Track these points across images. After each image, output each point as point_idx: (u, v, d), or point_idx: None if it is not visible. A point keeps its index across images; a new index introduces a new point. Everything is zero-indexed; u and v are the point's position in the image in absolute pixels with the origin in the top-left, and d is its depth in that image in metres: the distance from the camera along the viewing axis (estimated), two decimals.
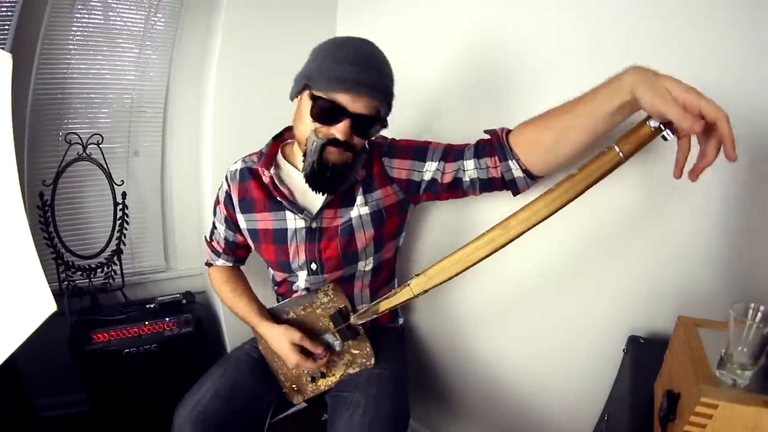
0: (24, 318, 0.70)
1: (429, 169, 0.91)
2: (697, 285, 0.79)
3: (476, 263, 0.75)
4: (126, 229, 1.48)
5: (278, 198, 0.93)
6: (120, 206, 1.46)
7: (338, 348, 0.97)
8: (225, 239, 1.06)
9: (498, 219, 0.74)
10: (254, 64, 1.38)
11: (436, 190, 0.92)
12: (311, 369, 0.96)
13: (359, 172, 0.92)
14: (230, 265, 1.11)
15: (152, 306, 1.43)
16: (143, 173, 1.56)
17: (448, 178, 0.89)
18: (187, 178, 1.60)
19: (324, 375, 1.00)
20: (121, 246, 1.48)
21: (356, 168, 0.89)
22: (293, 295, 1.01)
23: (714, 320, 0.63)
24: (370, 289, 1.03)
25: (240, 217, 1.00)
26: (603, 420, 0.80)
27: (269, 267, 1.06)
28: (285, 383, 1.02)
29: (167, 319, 1.38)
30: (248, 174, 0.98)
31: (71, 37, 1.36)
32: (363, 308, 0.93)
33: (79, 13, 1.35)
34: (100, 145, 1.40)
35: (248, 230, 1.00)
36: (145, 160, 1.56)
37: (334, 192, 0.89)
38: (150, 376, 1.35)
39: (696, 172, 0.59)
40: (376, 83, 0.80)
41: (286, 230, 0.95)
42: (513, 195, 0.86)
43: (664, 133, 0.59)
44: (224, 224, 1.04)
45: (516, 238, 0.72)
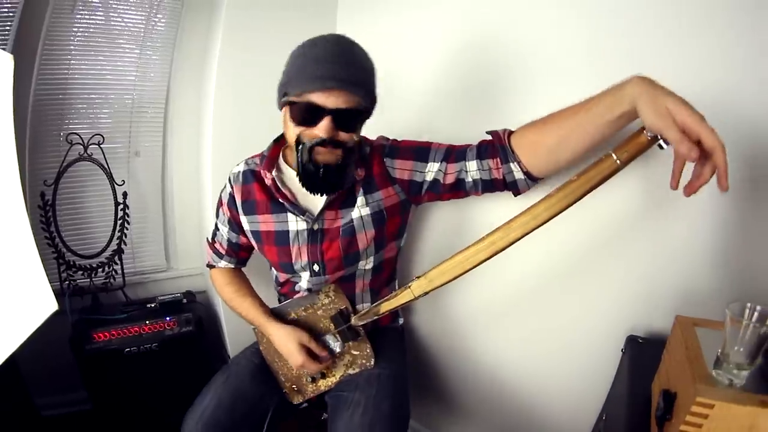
0: (25, 317, 0.70)
1: (431, 170, 0.91)
2: (696, 285, 0.79)
3: (477, 266, 0.76)
4: (127, 229, 1.48)
5: (280, 200, 0.94)
6: (121, 206, 1.47)
7: (339, 349, 0.98)
8: (228, 241, 1.06)
9: (499, 220, 0.75)
10: (254, 65, 1.38)
11: (439, 191, 0.92)
12: (314, 370, 0.96)
13: (358, 172, 0.92)
14: (232, 267, 1.11)
15: (153, 305, 1.43)
16: (144, 173, 1.57)
17: (451, 179, 0.89)
18: (188, 178, 1.61)
19: (324, 376, 1.00)
20: (122, 245, 1.48)
21: (351, 165, 0.88)
22: (295, 296, 1.01)
23: (712, 320, 0.63)
24: (371, 289, 1.03)
25: (243, 219, 1.00)
26: (601, 420, 0.80)
27: (272, 268, 1.07)
28: (285, 384, 1.02)
29: (168, 319, 1.38)
30: (251, 176, 0.98)
31: (72, 38, 1.36)
32: (364, 309, 0.93)
33: (80, 14, 1.35)
34: (101, 146, 1.40)
35: (251, 232, 1.00)
36: (146, 160, 1.56)
37: (332, 192, 0.89)
38: (150, 375, 1.35)
39: (691, 190, 0.59)
40: (349, 76, 0.78)
41: (288, 232, 0.95)
42: (514, 195, 0.87)
43: (661, 142, 0.59)
44: (227, 226, 1.04)
45: (516, 242, 0.73)
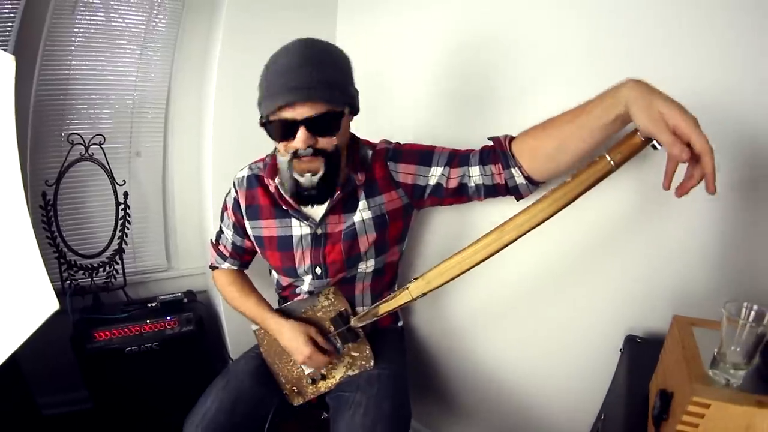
0: (27, 316, 0.71)
1: (434, 174, 0.91)
2: (694, 285, 0.79)
3: (473, 267, 0.77)
4: (128, 229, 1.49)
5: (284, 207, 0.94)
6: (122, 206, 1.47)
7: (339, 350, 0.98)
8: (233, 244, 1.07)
9: (498, 223, 0.75)
10: (255, 66, 1.36)
11: (441, 195, 0.92)
12: (320, 363, 0.96)
13: (358, 177, 0.92)
14: (235, 269, 1.12)
15: (154, 305, 1.44)
16: (145, 173, 1.57)
17: (454, 184, 0.89)
18: (189, 179, 1.61)
19: (324, 377, 1.00)
20: (123, 245, 1.49)
21: (337, 169, 0.87)
22: (295, 299, 1.02)
23: (709, 319, 0.63)
24: (372, 292, 1.03)
25: (247, 224, 1.01)
26: (600, 419, 0.80)
27: (274, 272, 1.07)
28: (286, 385, 1.02)
29: (168, 318, 1.39)
30: (255, 181, 0.99)
31: (73, 38, 1.37)
32: (363, 311, 0.94)
33: (81, 14, 1.36)
34: (102, 146, 1.41)
35: (254, 237, 1.01)
36: (147, 161, 1.57)
37: (325, 199, 0.88)
38: (151, 375, 1.35)
39: (682, 191, 0.60)
40: (313, 83, 0.77)
41: (292, 237, 0.96)
42: (516, 200, 0.87)
43: (654, 143, 0.60)
44: (232, 230, 1.05)
45: (511, 243, 0.73)
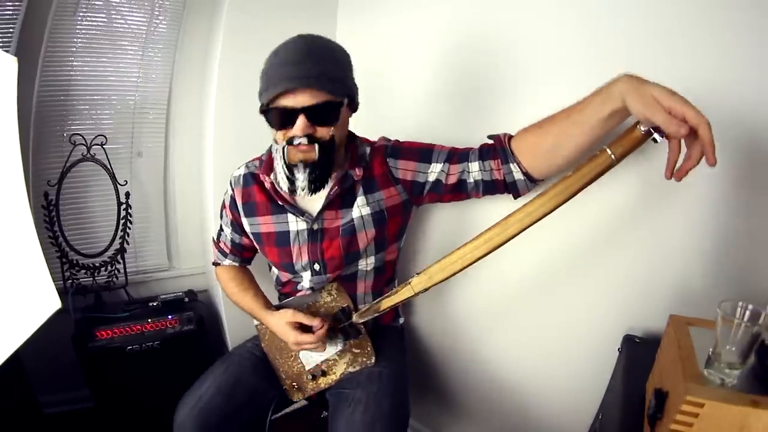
0: (29, 315, 0.71)
1: (434, 171, 0.92)
2: (693, 285, 0.80)
3: (475, 262, 0.77)
4: (129, 229, 1.50)
5: (279, 202, 0.95)
6: (123, 206, 1.48)
7: (340, 347, 0.99)
8: (232, 241, 1.08)
9: (497, 220, 0.75)
10: (255, 66, 1.37)
11: (440, 191, 0.93)
12: (311, 343, 0.92)
13: (356, 172, 0.92)
14: (236, 265, 1.13)
15: (155, 304, 1.44)
16: (146, 174, 1.58)
17: (453, 180, 0.90)
18: (190, 179, 1.62)
19: (325, 373, 1.01)
20: (125, 245, 1.49)
21: (332, 157, 0.86)
22: (297, 294, 1.02)
23: (706, 319, 0.63)
24: (373, 290, 1.04)
25: (244, 221, 1.01)
26: (597, 419, 0.81)
27: (274, 268, 1.08)
28: (286, 381, 1.03)
29: (170, 317, 1.39)
30: (251, 179, 1.00)
31: (75, 39, 1.37)
32: (365, 307, 0.94)
33: (83, 15, 1.36)
34: (104, 146, 1.42)
35: (252, 234, 1.02)
36: (148, 161, 1.58)
37: (315, 190, 0.86)
38: (152, 373, 1.36)
39: (681, 173, 0.61)
40: (312, 72, 0.78)
41: (289, 233, 0.97)
42: (514, 198, 0.88)
43: (655, 136, 0.61)
44: (230, 227, 1.06)
45: (513, 238, 0.74)
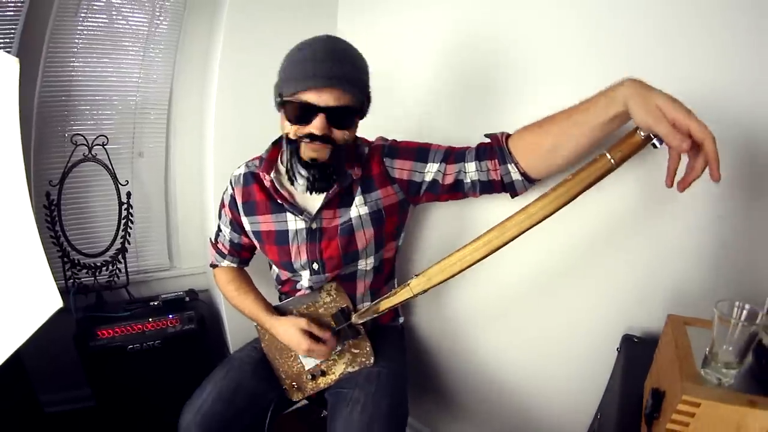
0: (30, 314, 0.72)
1: (430, 170, 0.92)
2: (692, 284, 0.79)
3: (474, 264, 0.77)
4: (130, 228, 1.50)
5: (279, 201, 0.95)
6: (125, 206, 1.48)
7: (339, 347, 0.99)
8: (230, 241, 1.08)
9: (497, 220, 0.76)
10: (256, 66, 1.39)
11: (437, 191, 0.93)
12: (321, 353, 0.95)
13: (355, 171, 0.93)
14: (234, 266, 1.13)
15: (156, 303, 1.45)
16: (147, 174, 1.59)
17: (450, 180, 0.90)
18: (191, 179, 1.62)
19: (324, 373, 1.01)
20: (126, 245, 1.50)
21: (341, 163, 0.88)
22: (297, 294, 1.03)
23: (704, 319, 0.63)
24: (372, 290, 1.04)
25: (244, 220, 1.02)
26: (596, 419, 0.81)
27: (274, 267, 1.08)
28: (285, 381, 1.03)
29: (170, 316, 1.40)
30: (251, 178, 1.00)
31: (76, 40, 1.37)
32: (364, 307, 0.95)
33: (84, 16, 1.36)
34: (105, 146, 1.42)
35: (252, 232, 1.02)
36: (150, 161, 1.58)
37: (324, 190, 0.89)
38: (153, 372, 1.37)
39: (684, 185, 0.60)
40: (341, 74, 0.79)
41: (288, 231, 0.97)
42: (511, 197, 0.88)
43: (654, 141, 0.60)
44: (229, 227, 1.06)
45: (512, 240, 0.74)
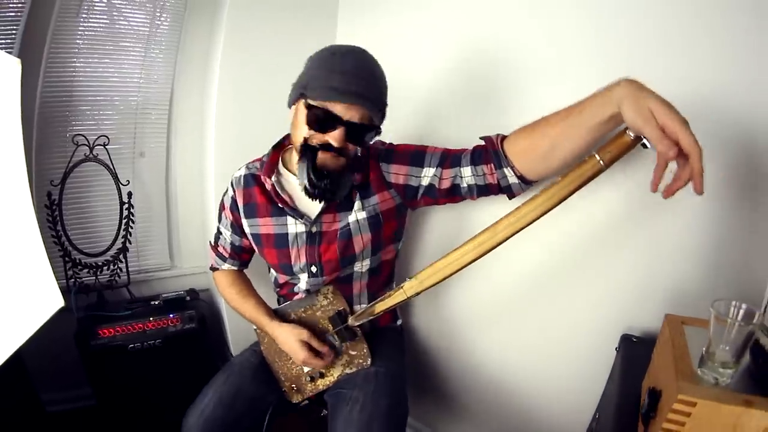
0: (32, 313, 0.72)
1: (426, 175, 0.92)
2: (691, 284, 0.80)
3: (466, 266, 0.78)
4: (132, 228, 1.51)
5: (279, 204, 0.96)
6: (126, 206, 1.49)
7: (337, 350, 0.99)
8: (231, 244, 1.08)
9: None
10: (256, 66, 1.40)
11: (435, 196, 0.93)
12: (317, 366, 0.97)
13: (356, 176, 0.93)
14: (235, 269, 1.14)
15: (157, 303, 1.45)
16: (148, 174, 1.59)
17: (446, 184, 0.90)
18: (191, 179, 1.63)
19: (323, 375, 1.02)
20: (127, 244, 1.50)
21: (350, 174, 0.91)
22: (294, 298, 1.03)
23: (702, 318, 0.63)
24: (369, 291, 1.04)
25: (244, 222, 1.02)
26: (595, 419, 0.81)
27: (272, 270, 1.08)
28: (285, 383, 1.04)
29: (171, 316, 1.40)
30: (252, 180, 1.00)
31: (78, 41, 1.38)
32: (360, 310, 0.95)
33: (85, 17, 1.37)
34: (107, 147, 1.42)
35: (252, 235, 1.02)
36: (151, 161, 1.59)
37: (333, 200, 0.90)
38: (153, 371, 1.37)
39: (669, 193, 0.60)
40: (369, 93, 0.82)
41: (287, 235, 0.97)
42: (508, 198, 0.88)
43: (645, 142, 0.60)
44: (230, 229, 1.06)
45: (503, 242, 0.74)
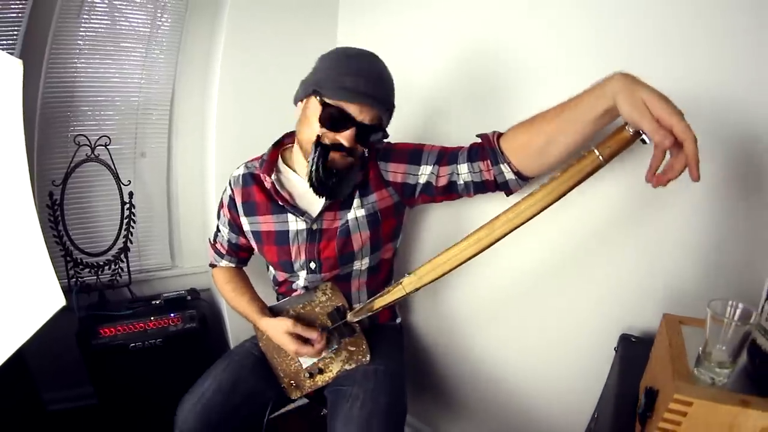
0: (33, 312, 0.73)
1: (424, 173, 0.93)
2: (690, 284, 0.80)
3: (464, 262, 0.78)
4: (133, 228, 1.51)
5: (280, 202, 0.96)
6: (127, 205, 1.49)
7: (335, 345, 1.00)
8: (228, 241, 1.09)
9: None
10: (257, 66, 1.40)
11: (432, 193, 0.94)
12: (310, 354, 0.96)
13: (357, 175, 0.94)
14: (233, 266, 1.14)
15: (158, 302, 1.45)
16: (150, 174, 1.60)
17: (443, 182, 0.91)
18: (192, 179, 1.63)
19: (321, 371, 1.02)
20: (128, 244, 1.51)
21: (356, 173, 0.93)
22: (293, 294, 1.04)
23: (699, 318, 0.63)
24: (368, 289, 1.05)
25: (243, 220, 1.02)
26: (594, 419, 0.81)
27: (271, 267, 1.09)
28: (284, 379, 1.04)
29: (172, 315, 1.41)
30: (251, 179, 1.01)
31: (79, 41, 1.38)
32: (359, 306, 0.95)
33: (86, 17, 1.37)
34: (108, 147, 1.43)
35: (252, 232, 1.03)
36: (152, 161, 1.59)
37: (337, 197, 0.92)
38: (154, 371, 1.38)
39: (659, 181, 0.60)
40: (382, 96, 0.86)
41: (288, 232, 0.98)
42: (506, 195, 0.88)
43: (644, 137, 0.60)
44: (228, 227, 1.07)
45: (501, 238, 0.74)
